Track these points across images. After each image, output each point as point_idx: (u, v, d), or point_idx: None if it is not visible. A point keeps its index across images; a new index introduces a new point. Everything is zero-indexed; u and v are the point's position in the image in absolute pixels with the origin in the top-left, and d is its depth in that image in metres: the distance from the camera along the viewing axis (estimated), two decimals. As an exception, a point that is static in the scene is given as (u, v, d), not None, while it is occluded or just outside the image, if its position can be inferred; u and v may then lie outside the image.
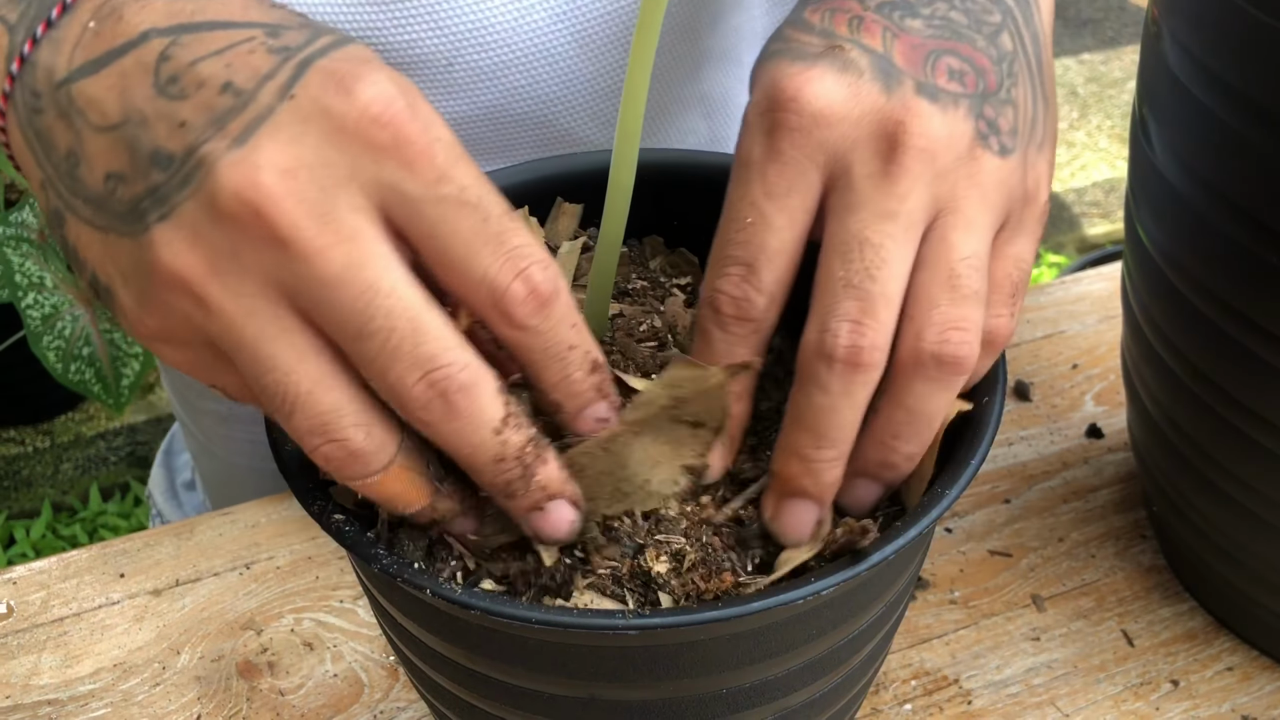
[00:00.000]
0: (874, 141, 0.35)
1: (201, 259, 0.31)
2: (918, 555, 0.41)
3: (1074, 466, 0.64)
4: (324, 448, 0.32)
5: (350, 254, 0.30)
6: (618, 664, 0.35)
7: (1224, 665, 0.55)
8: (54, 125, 0.33)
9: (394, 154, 0.31)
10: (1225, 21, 0.42)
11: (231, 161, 0.30)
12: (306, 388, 0.31)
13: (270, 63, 0.31)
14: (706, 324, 0.37)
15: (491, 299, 0.32)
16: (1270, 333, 0.44)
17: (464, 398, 0.32)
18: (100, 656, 0.55)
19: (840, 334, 0.34)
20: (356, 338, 0.31)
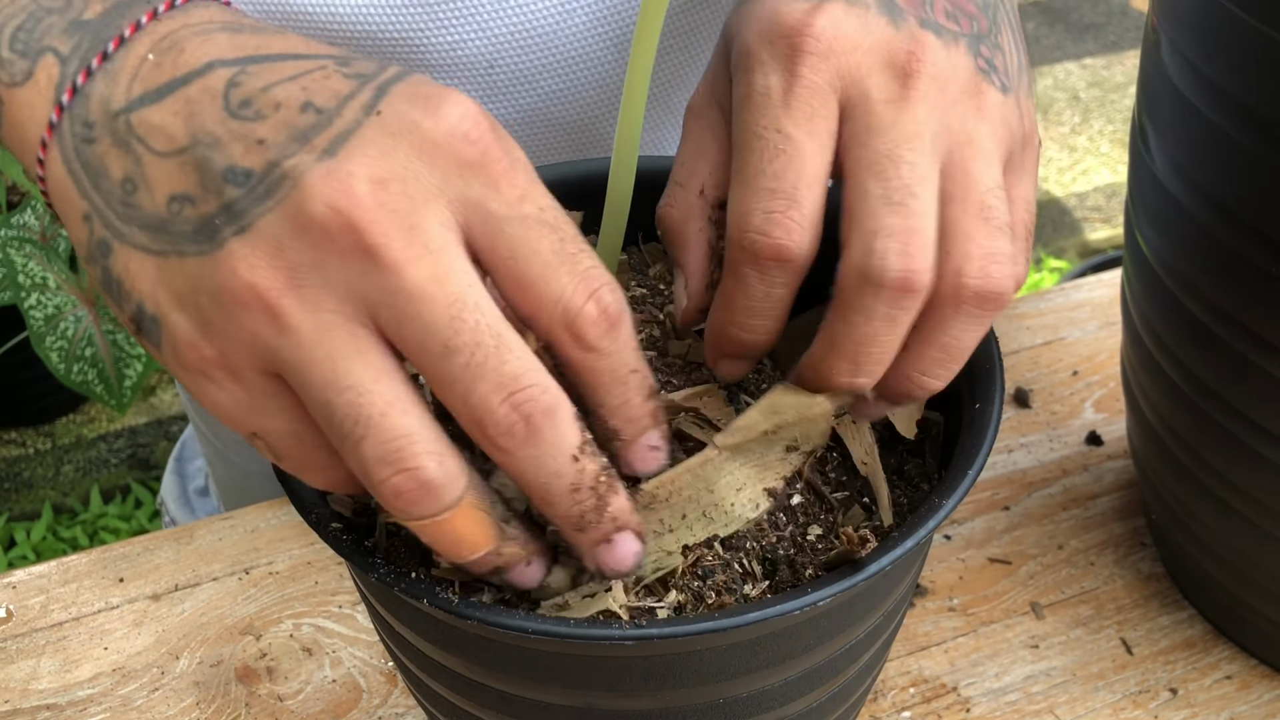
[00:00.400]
0: (888, 69, 0.35)
1: (281, 271, 0.30)
2: (915, 564, 0.41)
3: (1073, 474, 0.64)
4: (394, 479, 0.30)
5: (437, 266, 0.30)
6: (615, 674, 0.35)
7: (1223, 674, 0.55)
8: (108, 154, 0.32)
9: (481, 172, 0.31)
10: (1224, 31, 0.42)
11: (323, 172, 0.30)
12: (381, 409, 0.30)
13: (349, 85, 0.31)
14: (742, 267, 0.35)
15: (565, 319, 0.31)
16: (1269, 342, 0.44)
17: (547, 421, 0.31)
18: (99, 661, 0.55)
19: (890, 255, 0.33)
20: (441, 354, 0.30)
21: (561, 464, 0.32)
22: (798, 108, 0.35)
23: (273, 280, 0.30)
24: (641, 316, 0.45)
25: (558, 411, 0.31)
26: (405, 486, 0.31)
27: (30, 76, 0.33)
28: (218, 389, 0.32)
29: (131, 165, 0.32)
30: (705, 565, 0.37)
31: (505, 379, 0.30)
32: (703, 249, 0.39)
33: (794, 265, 0.35)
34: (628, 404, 0.34)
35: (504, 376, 0.30)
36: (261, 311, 0.30)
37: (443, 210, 0.31)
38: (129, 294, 0.32)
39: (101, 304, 1.30)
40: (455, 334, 0.30)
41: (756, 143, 0.35)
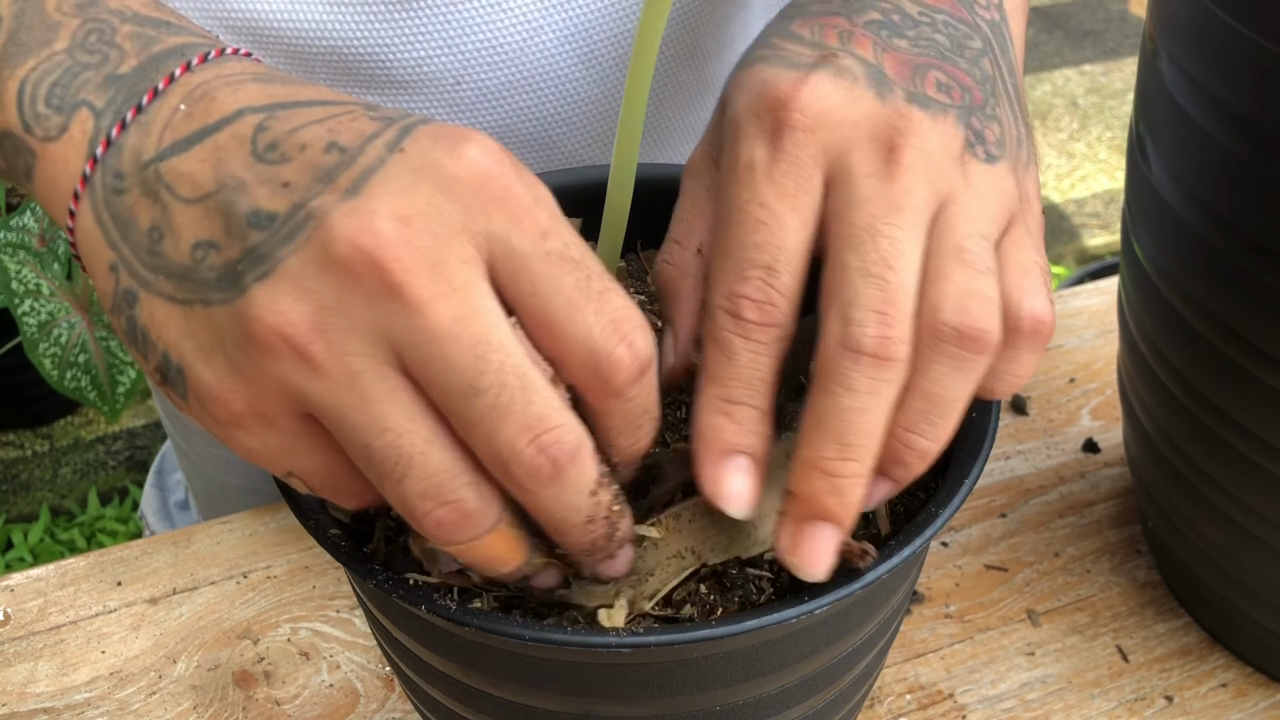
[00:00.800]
0: (872, 143, 0.35)
1: (307, 314, 0.29)
2: (912, 572, 0.41)
3: (1070, 481, 0.64)
4: (437, 512, 0.31)
5: (462, 306, 0.30)
6: (612, 681, 0.35)
7: (1218, 682, 0.55)
8: (137, 203, 0.32)
9: (504, 208, 0.31)
10: (1220, 42, 0.42)
11: (346, 211, 0.29)
12: (420, 448, 0.30)
13: (374, 126, 0.31)
14: (726, 335, 0.35)
15: (592, 363, 0.31)
16: (1266, 352, 0.44)
17: (571, 462, 0.31)
18: (96, 665, 0.55)
19: (867, 324, 0.33)
20: (466, 394, 0.30)
21: (582, 500, 0.32)
22: (781, 181, 0.35)
23: (300, 324, 0.30)
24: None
25: (581, 451, 0.31)
26: (448, 518, 0.31)
27: (65, 131, 0.34)
28: (249, 436, 0.32)
29: (159, 214, 0.32)
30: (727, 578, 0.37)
31: (531, 420, 0.30)
32: (694, 306, 0.39)
33: (777, 333, 0.35)
34: (637, 445, 0.34)
35: (529, 418, 0.30)
36: (290, 357, 0.30)
37: (466, 247, 0.30)
38: (154, 344, 0.32)
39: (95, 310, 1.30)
40: (480, 374, 0.30)
41: (739, 215, 0.35)
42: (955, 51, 0.38)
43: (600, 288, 0.31)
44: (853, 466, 0.33)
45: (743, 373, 0.35)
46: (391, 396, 0.30)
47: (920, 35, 0.38)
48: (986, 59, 0.39)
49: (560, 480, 0.31)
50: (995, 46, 0.40)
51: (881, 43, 0.37)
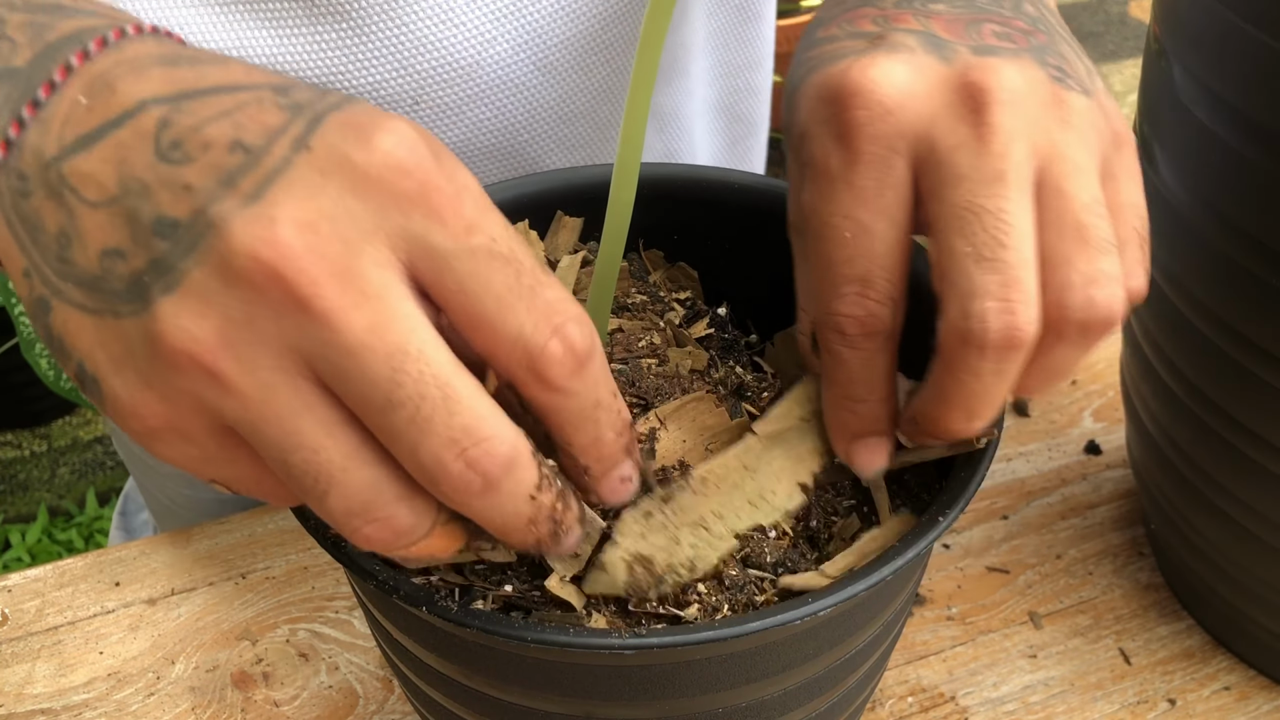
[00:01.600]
0: (954, 109, 0.33)
1: (212, 330, 0.28)
2: (915, 574, 0.40)
3: (1072, 483, 0.64)
4: (365, 529, 0.29)
5: (375, 315, 0.28)
6: (614, 683, 0.35)
7: (1221, 684, 0.55)
8: (42, 207, 0.30)
9: (421, 203, 0.29)
10: (1227, 43, 0.42)
11: (245, 219, 0.28)
12: (340, 464, 0.29)
13: (281, 118, 0.29)
14: (836, 346, 0.35)
15: (526, 359, 0.29)
16: (1270, 354, 0.44)
17: (504, 473, 0.29)
18: (94, 665, 0.55)
19: (988, 317, 0.32)
20: (383, 409, 0.28)
21: (520, 506, 0.30)
22: (860, 185, 0.34)
23: (205, 340, 0.28)
24: (642, 323, 0.45)
25: (515, 461, 0.29)
26: (378, 534, 0.30)
27: None
28: (167, 448, 0.30)
29: (65, 218, 0.30)
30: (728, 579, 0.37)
31: (456, 433, 0.28)
32: None
33: (881, 335, 0.35)
34: (598, 441, 0.32)
35: (454, 430, 0.28)
36: (199, 374, 0.28)
37: (380, 249, 0.28)
38: (69, 353, 0.30)
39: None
40: (398, 387, 0.28)
41: (824, 229, 0.34)
42: (994, 4, 0.36)
43: (531, 282, 0.29)
44: (976, 425, 0.35)
45: (856, 375, 0.36)
46: (307, 412, 0.28)
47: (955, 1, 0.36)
48: (1027, 3, 0.37)
49: (494, 492, 0.29)
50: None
51: (923, 11, 0.36)
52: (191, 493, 0.73)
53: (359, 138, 0.28)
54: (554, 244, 0.47)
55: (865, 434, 0.37)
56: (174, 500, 0.75)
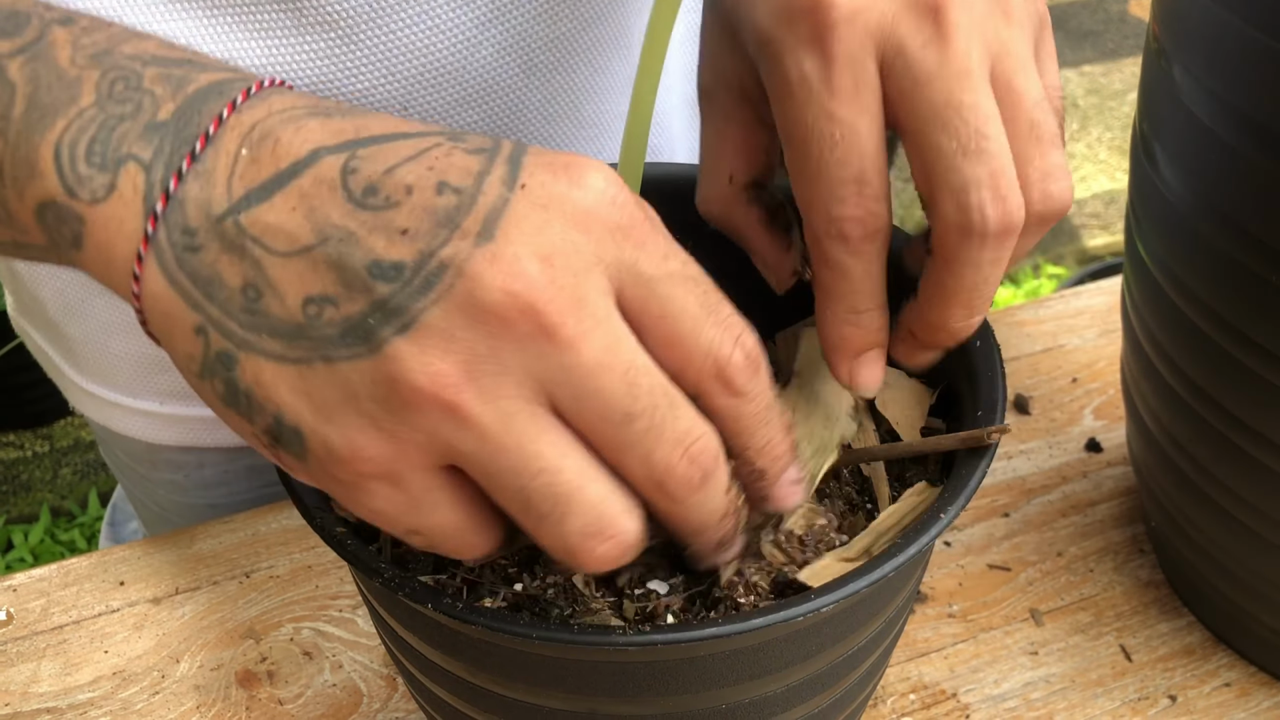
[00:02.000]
0: (914, 10, 0.35)
1: (457, 365, 0.29)
2: (917, 571, 0.41)
3: (1073, 480, 0.64)
4: (600, 549, 0.31)
5: (608, 336, 0.30)
6: (618, 679, 0.35)
7: (1222, 681, 0.55)
8: (219, 260, 0.30)
9: (630, 235, 0.31)
10: (1226, 41, 0.42)
11: (486, 257, 0.29)
12: (577, 483, 0.30)
13: (478, 161, 0.30)
14: (839, 255, 0.36)
15: (716, 368, 0.32)
16: (1270, 351, 0.44)
17: (716, 467, 0.32)
18: (99, 664, 0.55)
19: (985, 205, 0.34)
20: (623, 421, 0.30)
21: (719, 501, 0.33)
22: (841, 87, 0.35)
23: (450, 375, 0.29)
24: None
25: (721, 456, 0.32)
26: (611, 554, 0.31)
27: (113, 189, 0.31)
28: (374, 497, 0.31)
29: (251, 270, 0.30)
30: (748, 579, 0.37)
31: (681, 435, 0.31)
32: (756, 228, 0.41)
33: (882, 236, 0.36)
34: (771, 442, 0.34)
35: (679, 433, 0.31)
36: (439, 410, 0.29)
37: (601, 278, 0.30)
38: (262, 406, 0.31)
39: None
40: (634, 400, 0.30)
41: (811, 135, 0.35)
42: None
43: (715, 300, 0.32)
44: (975, 320, 0.37)
45: (859, 285, 0.37)
46: (543, 436, 0.30)
47: None
48: None
49: (706, 486, 0.32)
50: None
51: None
52: (184, 499, 0.73)
53: (569, 177, 0.30)
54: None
55: (868, 347, 0.38)
56: (164, 507, 0.75)
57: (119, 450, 0.73)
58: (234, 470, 0.70)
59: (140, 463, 0.72)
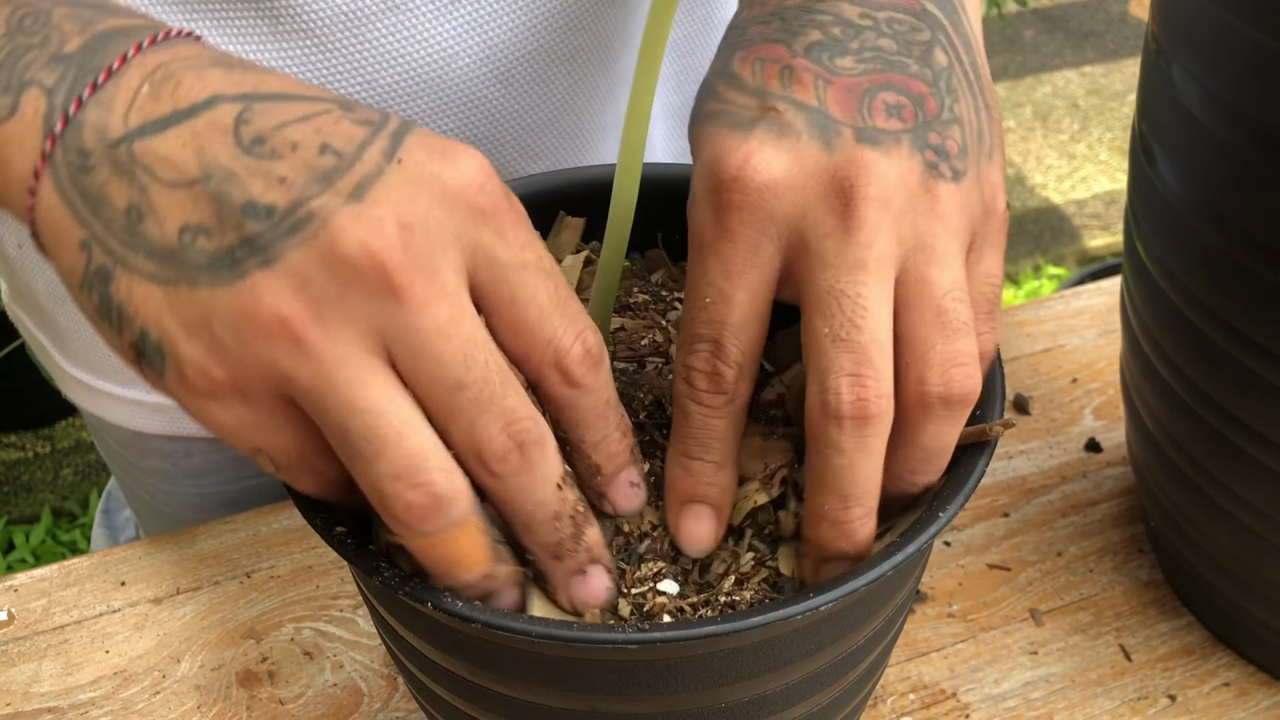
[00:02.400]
0: (825, 202, 0.36)
1: (307, 305, 0.31)
2: (916, 570, 0.41)
3: (1073, 480, 0.64)
4: (407, 494, 0.32)
5: (453, 309, 0.32)
6: (618, 678, 0.35)
7: (1221, 681, 0.55)
8: (109, 182, 0.33)
9: (491, 220, 0.33)
10: (1224, 41, 0.42)
11: (352, 214, 0.31)
12: (396, 429, 0.32)
13: (363, 132, 0.33)
14: (683, 400, 0.38)
15: (555, 358, 0.34)
16: (1269, 351, 0.44)
17: (537, 451, 0.33)
18: (100, 664, 0.56)
19: (841, 390, 0.35)
20: (454, 388, 0.32)
21: (548, 491, 0.34)
22: (728, 258, 0.36)
23: (299, 311, 0.31)
24: (644, 322, 0.45)
25: (546, 442, 0.34)
26: (417, 501, 0.32)
27: (15, 111, 0.33)
28: (223, 410, 0.33)
29: (136, 194, 0.32)
30: None
31: (506, 411, 0.33)
32: None
33: (725, 396, 0.37)
34: (608, 439, 0.36)
35: (504, 409, 0.33)
36: (285, 340, 0.31)
37: (457, 256, 0.32)
38: (131, 320, 0.33)
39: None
40: (467, 371, 0.32)
41: (691, 292, 0.37)
42: (904, 52, 0.37)
43: (564, 295, 0.34)
44: (855, 512, 0.36)
45: (697, 433, 0.38)
46: (374, 382, 0.32)
47: (864, 45, 0.37)
48: (938, 49, 0.38)
49: (528, 467, 0.33)
50: (947, 27, 0.39)
51: (824, 72, 0.37)
52: (172, 488, 0.73)
53: (444, 158, 0.33)
54: (556, 244, 0.47)
55: (693, 498, 0.38)
56: (154, 495, 0.75)
57: (109, 438, 0.74)
58: (221, 459, 0.70)
59: (129, 450, 0.73)
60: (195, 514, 0.73)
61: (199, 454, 0.70)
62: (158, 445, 0.70)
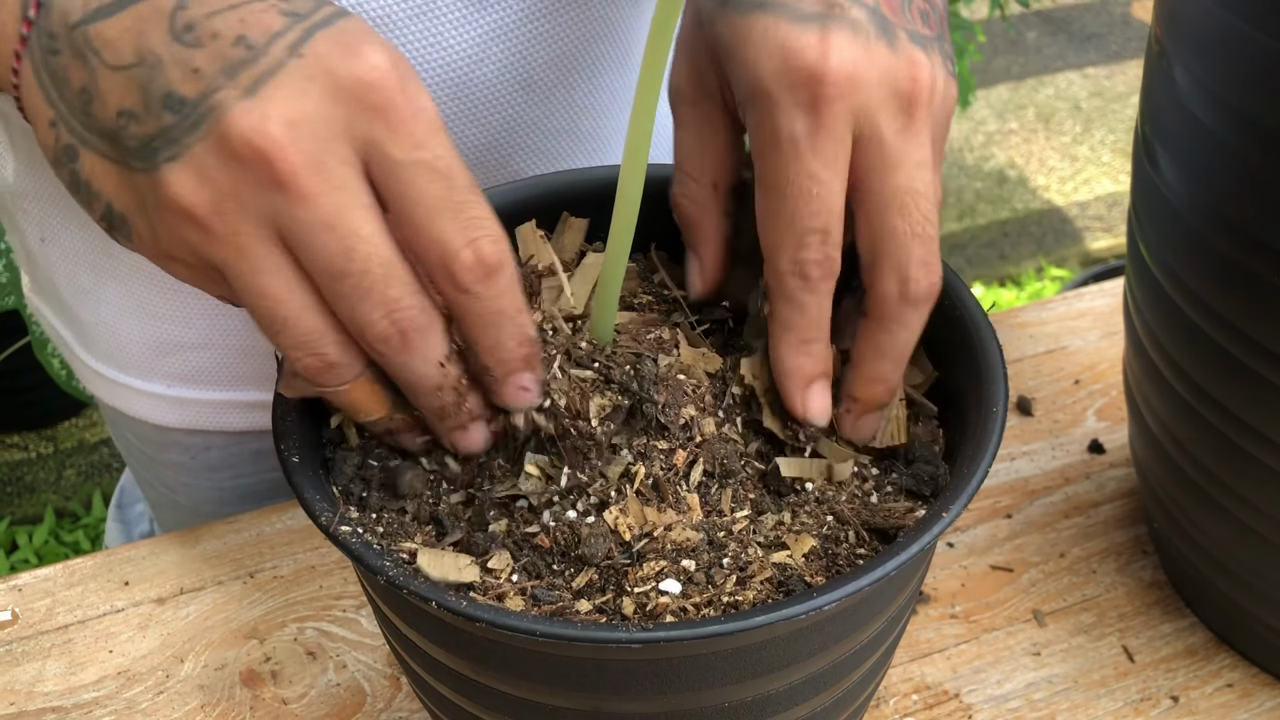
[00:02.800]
0: (894, 100, 0.38)
1: (207, 197, 0.34)
2: (919, 571, 0.41)
3: (1075, 482, 0.64)
4: (305, 360, 0.36)
5: (339, 202, 0.34)
6: (621, 677, 0.35)
7: (1224, 682, 0.55)
8: (69, 64, 0.35)
9: (383, 117, 0.34)
10: (1227, 43, 0.42)
11: (243, 110, 0.33)
12: (294, 315, 0.35)
13: (281, 23, 0.34)
14: (798, 293, 0.40)
15: (441, 261, 0.35)
16: (1271, 352, 0.44)
17: (418, 336, 0.36)
18: (104, 664, 0.56)
19: (922, 280, 0.39)
20: (338, 276, 0.35)
21: (429, 370, 0.37)
22: (824, 151, 0.38)
23: (201, 204, 0.34)
24: (645, 319, 0.45)
25: (430, 329, 0.36)
26: (314, 365, 0.36)
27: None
28: (179, 269, 0.37)
29: (87, 77, 0.35)
30: None
31: (388, 300, 0.35)
32: (719, 239, 0.44)
33: (833, 278, 0.40)
34: (499, 345, 0.38)
35: (387, 299, 0.35)
36: (194, 227, 0.34)
37: (345, 149, 0.34)
38: (97, 194, 0.36)
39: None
40: (349, 262, 0.34)
41: (790, 188, 0.39)
42: None
43: (460, 198, 0.35)
44: (898, 374, 0.41)
45: (813, 319, 0.40)
46: (273, 272, 0.35)
47: None
48: None
49: (409, 349, 0.36)
50: None
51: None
52: (190, 481, 0.73)
53: (344, 53, 0.34)
54: (559, 244, 0.47)
55: (817, 376, 0.41)
56: (171, 489, 0.76)
57: (128, 432, 0.74)
58: (240, 453, 0.70)
59: (148, 444, 0.73)
60: (213, 507, 0.74)
61: (218, 448, 0.70)
62: (177, 439, 0.71)
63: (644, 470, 0.39)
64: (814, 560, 0.39)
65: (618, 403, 0.40)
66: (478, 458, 0.40)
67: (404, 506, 0.40)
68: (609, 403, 0.40)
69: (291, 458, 0.38)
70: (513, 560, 0.38)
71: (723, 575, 0.38)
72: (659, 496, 0.39)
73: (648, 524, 0.38)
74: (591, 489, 0.38)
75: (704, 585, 0.37)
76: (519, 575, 0.38)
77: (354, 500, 0.40)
